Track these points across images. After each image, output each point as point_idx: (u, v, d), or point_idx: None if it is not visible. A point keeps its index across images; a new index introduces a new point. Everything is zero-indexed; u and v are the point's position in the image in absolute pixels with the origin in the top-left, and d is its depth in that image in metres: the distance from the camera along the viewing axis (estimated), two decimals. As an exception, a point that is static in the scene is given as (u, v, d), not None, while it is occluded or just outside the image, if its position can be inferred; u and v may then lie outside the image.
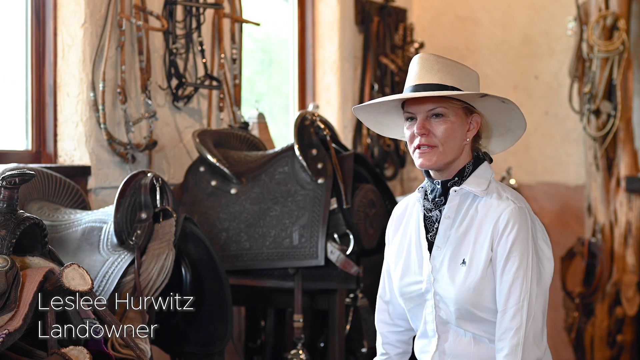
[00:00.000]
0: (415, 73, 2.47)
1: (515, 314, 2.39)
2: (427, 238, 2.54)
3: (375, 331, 3.90)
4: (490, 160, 2.56)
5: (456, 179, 2.50)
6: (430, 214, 2.54)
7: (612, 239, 5.32)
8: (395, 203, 3.91)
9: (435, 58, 2.46)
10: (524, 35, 5.86)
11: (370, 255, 3.78)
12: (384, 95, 5.58)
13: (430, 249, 2.52)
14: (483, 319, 2.45)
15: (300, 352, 3.64)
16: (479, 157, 2.54)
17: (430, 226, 2.54)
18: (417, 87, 2.45)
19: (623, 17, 5.21)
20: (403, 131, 2.55)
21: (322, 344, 4.00)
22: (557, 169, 5.79)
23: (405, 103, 2.50)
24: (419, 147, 2.46)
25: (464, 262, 2.45)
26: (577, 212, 5.66)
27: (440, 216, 2.51)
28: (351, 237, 3.59)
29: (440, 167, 2.48)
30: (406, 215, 2.63)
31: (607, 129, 5.24)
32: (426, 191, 2.56)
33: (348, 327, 3.82)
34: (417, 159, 2.48)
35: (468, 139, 2.49)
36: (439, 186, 2.51)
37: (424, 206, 2.55)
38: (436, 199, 2.52)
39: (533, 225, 2.45)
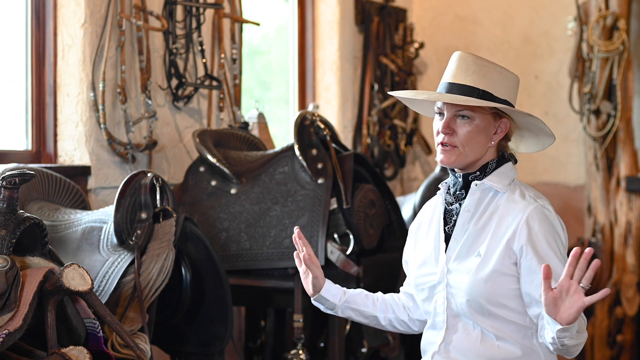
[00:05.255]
0: (451, 71, 2.50)
1: None
2: (445, 230, 2.56)
3: (375, 331, 3.92)
4: (515, 161, 2.57)
5: (478, 173, 2.51)
6: (450, 207, 2.56)
7: (612, 239, 5.32)
8: (396, 203, 3.92)
9: (473, 58, 2.48)
10: (524, 35, 5.86)
11: (370, 255, 3.78)
12: (384, 95, 5.58)
13: (447, 241, 2.54)
14: (493, 313, 2.45)
15: (300, 352, 3.64)
16: (503, 157, 2.55)
17: (449, 219, 2.55)
18: (450, 86, 2.48)
19: (623, 17, 5.21)
20: (431, 110, 2.58)
21: (322, 344, 4.00)
22: (557, 169, 5.79)
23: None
24: (441, 144, 2.49)
25: (478, 255, 2.46)
26: (577, 212, 5.66)
27: (460, 209, 2.53)
28: (351, 237, 3.58)
29: (460, 166, 2.51)
30: (430, 212, 2.66)
31: (607, 129, 5.24)
32: (449, 186, 2.58)
33: (348, 327, 3.82)
34: (438, 154, 2.51)
35: (493, 142, 2.51)
36: (460, 179, 2.53)
37: (445, 199, 2.58)
38: (457, 192, 2.54)
39: (556, 223, 2.47)
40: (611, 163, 5.32)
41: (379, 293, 2.77)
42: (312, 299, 2.72)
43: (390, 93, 2.69)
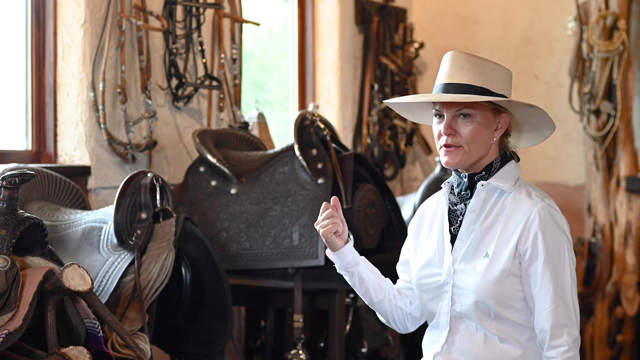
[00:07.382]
0: (446, 71, 2.48)
1: (559, 313, 2.40)
2: (450, 231, 2.54)
3: (375, 331, 3.92)
4: (518, 159, 2.57)
5: (484, 173, 2.50)
6: (455, 208, 2.54)
7: (612, 239, 5.33)
8: (396, 203, 3.92)
9: (466, 57, 2.47)
10: (524, 35, 5.86)
11: (370, 255, 3.77)
12: (384, 95, 5.58)
13: (452, 241, 2.52)
14: (499, 315, 2.45)
15: (300, 352, 3.64)
16: (506, 155, 2.54)
17: (454, 219, 2.54)
18: (447, 86, 2.46)
19: (623, 17, 5.21)
20: (430, 117, 2.56)
21: (322, 344, 4.00)
22: (557, 169, 5.79)
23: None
24: (445, 145, 2.47)
25: (486, 255, 2.45)
26: (577, 212, 5.66)
27: (465, 209, 2.51)
28: (351, 237, 3.58)
29: (465, 167, 2.49)
30: (431, 211, 2.63)
31: (607, 129, 5.24)
32: (452, 186, 2.56)
33: (348, 327, 3.82)
34: (442, 156, 2.49)
35: (495, 139, 2.49)
36: (465, 179, 2.51)
37: (449, 200, 2.56)
38: (462, 193, 2.52)
39: (562, 223, 2.47)
40: (611, 163, 5.32)
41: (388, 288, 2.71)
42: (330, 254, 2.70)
43: (385, 102, 2.64)
